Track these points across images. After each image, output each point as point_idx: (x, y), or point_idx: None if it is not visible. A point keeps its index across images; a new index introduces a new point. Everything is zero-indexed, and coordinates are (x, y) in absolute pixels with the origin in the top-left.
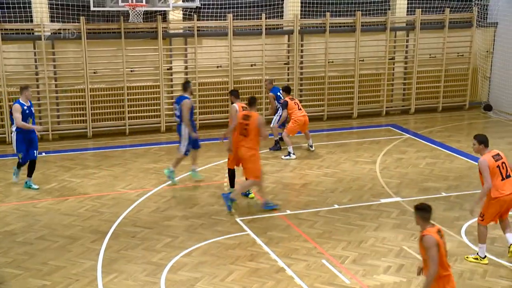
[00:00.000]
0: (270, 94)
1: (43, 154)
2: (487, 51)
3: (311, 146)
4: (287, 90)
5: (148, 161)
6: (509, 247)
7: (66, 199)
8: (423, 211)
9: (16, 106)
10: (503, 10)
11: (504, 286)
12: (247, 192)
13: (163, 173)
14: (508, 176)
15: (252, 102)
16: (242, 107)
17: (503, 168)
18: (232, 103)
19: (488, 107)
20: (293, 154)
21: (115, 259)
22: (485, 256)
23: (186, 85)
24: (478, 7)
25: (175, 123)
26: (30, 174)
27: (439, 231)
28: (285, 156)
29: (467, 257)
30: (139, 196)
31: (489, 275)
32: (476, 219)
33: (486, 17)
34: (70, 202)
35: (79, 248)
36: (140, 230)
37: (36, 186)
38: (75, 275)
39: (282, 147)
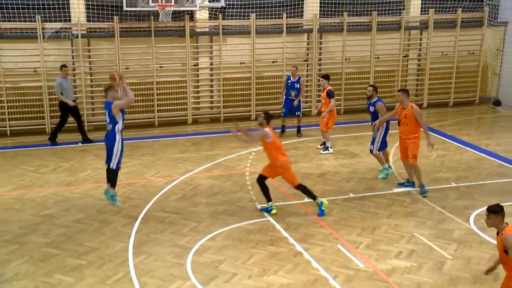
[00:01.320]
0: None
1: (79, 144)
2: (497, 49)
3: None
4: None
5: (175, 151)
6: None
7: (100, 186)
8: (498, 212)
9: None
10: None
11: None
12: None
13: (189, 162)
14: None
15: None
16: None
17: None
18: (261, 125)
19: (497, 102)
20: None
21: (145, 241)
22: None
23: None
24: (489, 7)
25: (200, 116)
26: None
27: None
28: (324, 151)
29: None
30: (167, 184)
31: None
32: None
33: (497, 17)
34: (103, 188)
35: (112, 231)
36: (168, 216)
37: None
38: (108, 256)
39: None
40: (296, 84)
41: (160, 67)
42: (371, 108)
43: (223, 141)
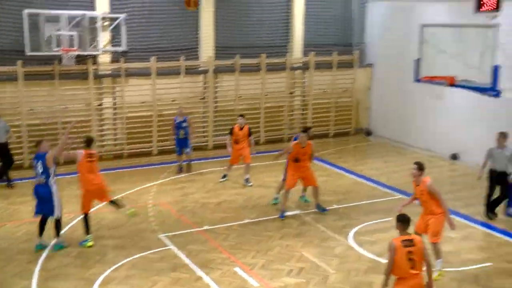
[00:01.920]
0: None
1: None
2: (366, 87)
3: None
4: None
5: (78, 188)
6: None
7: (4, 225)
8: (399, 221)
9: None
10: (377, 54)
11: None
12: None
13: None
14: None
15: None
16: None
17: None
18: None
19: (369, 132)
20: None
21: (49, 277)
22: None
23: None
24: (358, 51)
25: (104, 153)
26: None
27: (408, 240)
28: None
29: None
30: (72, 219)
31: (372, 271)
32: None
33: (365, 59)
34: (7, 227)
35: (16, 268)
36: (73, 249)
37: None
38: None
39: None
40: (183, 123)
41: (65, 108)
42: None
43: (127, 176)
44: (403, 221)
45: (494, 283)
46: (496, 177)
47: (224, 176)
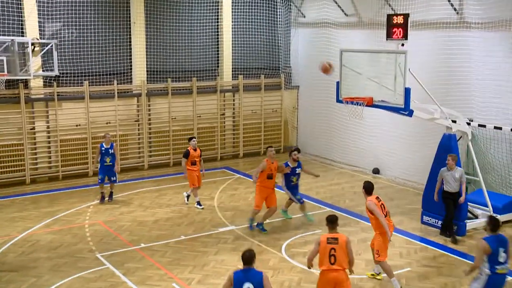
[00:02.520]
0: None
1: None
2: (293, 107)
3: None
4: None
5: (13, 211)
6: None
7: None
8: (328, 221)
9: None
10: (302, 77)
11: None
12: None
13: (28, 220)
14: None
15: None
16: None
17: (384, 208)
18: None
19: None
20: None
21: None
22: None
23: None
24: (284, 74)
25: (38, 175)
26: None
27: (333, 238)
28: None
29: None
30: (4, 243)
31: (304, 281)
32: None
33: (291, 81)
34: None
35: None
36: (5, 274)
37: None
38: None
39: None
40: (110, 150)
41: None
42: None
43: (63, 198)
44: (330, 221)
45: (413, 286)
46: (450, 198)
47: (188, 197)
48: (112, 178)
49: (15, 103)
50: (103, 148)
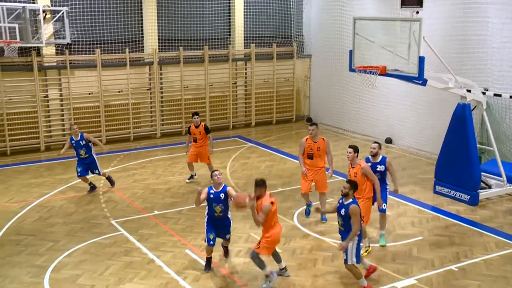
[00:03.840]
0: None
1: None
2: (305, 76)
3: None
4: None
5: (29, 177)
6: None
7: None
8: (261, 185)
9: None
10: (315, 46)
11: (325, 256)
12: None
13: (44, 186)
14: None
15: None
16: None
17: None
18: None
19: (309, 119)
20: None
21: (1, 265)
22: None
23: None
24: (296, 43)
25: (52, 143)
26: None
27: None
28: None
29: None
30: (22, 208)
31: (315, 249)
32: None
33: (303, 50)
34: None
35: None
36: (24, 238)
37: None
38: None
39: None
40: (81, 142)
41: (10, 99)
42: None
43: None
44: (262, 184)
45: (424, 255)
46: None
47: (191, 177)
48: (94, 171)
49: (28, 70)
50: (73, 141)
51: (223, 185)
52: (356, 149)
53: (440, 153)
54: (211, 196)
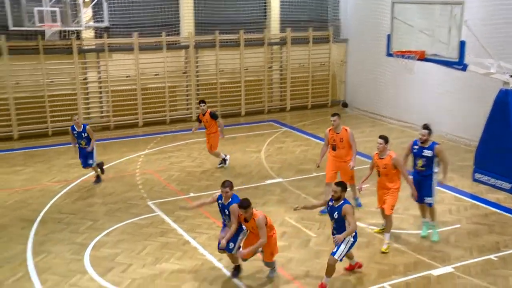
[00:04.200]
0: None
1: None
2: (341, 61)
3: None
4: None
5: (69, 158)
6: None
7: None
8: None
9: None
10: (351, 30)
11: (359, 242)
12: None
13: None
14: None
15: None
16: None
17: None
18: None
19: (345, 105)
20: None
21: (43, 241)
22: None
23: None
24: (333, 27)
25: (91, 124)
26: None
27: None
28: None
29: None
30: (63, 188)
31: None
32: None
33: (339, 35)
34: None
35: (10, 235)
36: (65, 216)
37: None
38: (6, 258)
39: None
40: (83, 134)
41: (51, 81)
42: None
43: (114, 147)
44: (248, 206)
45: (462, 243)
46: None
47: (222, 162)
48: (88, 161)
49: (68, 53)
50: (74, 132)
51: (230, 200)
52: (386, 140)
53: (480, 140)
54: (219, 205)
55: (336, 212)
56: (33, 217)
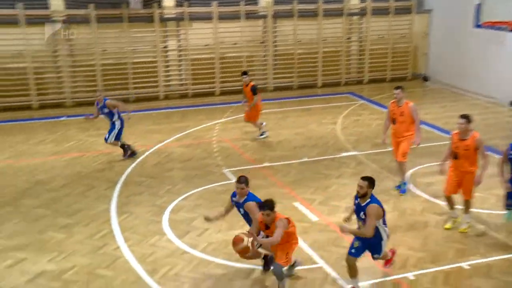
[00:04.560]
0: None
1: (64, 118)
2: (424, 33)
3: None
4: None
5: (149, 123)
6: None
7: (83, 155)
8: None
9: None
10: (436, 0)
11: (437, 220)
12: None
13: (162, 133)
14: None
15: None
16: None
17: None
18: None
19: (426, 78)
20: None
21: (126, 203)
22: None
23: None
24: None
25: (170, 92)
26: None
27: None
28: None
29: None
30: (143, 152)
31: (426, 211)
32: None
33: (423, 5)
34: (86, 157)
35: (95, 194)
36: (145, 180)
37: None
38: (93, 216)
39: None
40: (104, 109)
41: (134, 49)
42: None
43: (192, 114)
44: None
45: None
46: None
47: (262, 134)
48: (106, 135)
49: (150, 22)
50: (98, 106)
51: (245, 197)
52: (469, 119)
53: None
54: (234, 203)
55: (362, 212)
56: (116, 179)
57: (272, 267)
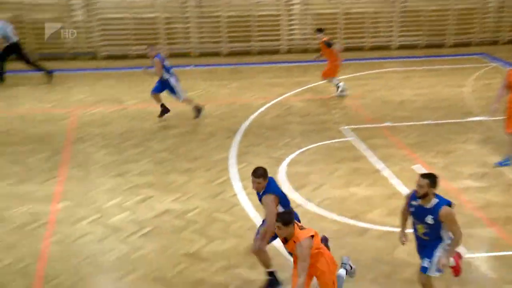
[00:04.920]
0: None
1: (192, 67)
2: None
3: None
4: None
5: (270, 76)
6: None
7: (206, 104)
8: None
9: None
10: None
11: None
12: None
13: (283, 87)
14: None
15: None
16: None
17: None
18: None
19: None
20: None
21: (244, 152)
22: None
23: None
24: None
25: (293, 46)
26: None
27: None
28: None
29: None
30: (263, 104)
31: None
32: None
33: None
34: (209, 106)
35: (216, 142)
36: (264, 131)
37: None
38: (213, 162)
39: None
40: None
41: (258, 2)
42: None
43: (313, 69)
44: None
45: None
46: None
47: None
48: (154, 89)
49: None
50: (164, 63)
51: (264, 190)
52: None
53: None
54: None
55: (431, 217)
56: (236, 128)
57: None
